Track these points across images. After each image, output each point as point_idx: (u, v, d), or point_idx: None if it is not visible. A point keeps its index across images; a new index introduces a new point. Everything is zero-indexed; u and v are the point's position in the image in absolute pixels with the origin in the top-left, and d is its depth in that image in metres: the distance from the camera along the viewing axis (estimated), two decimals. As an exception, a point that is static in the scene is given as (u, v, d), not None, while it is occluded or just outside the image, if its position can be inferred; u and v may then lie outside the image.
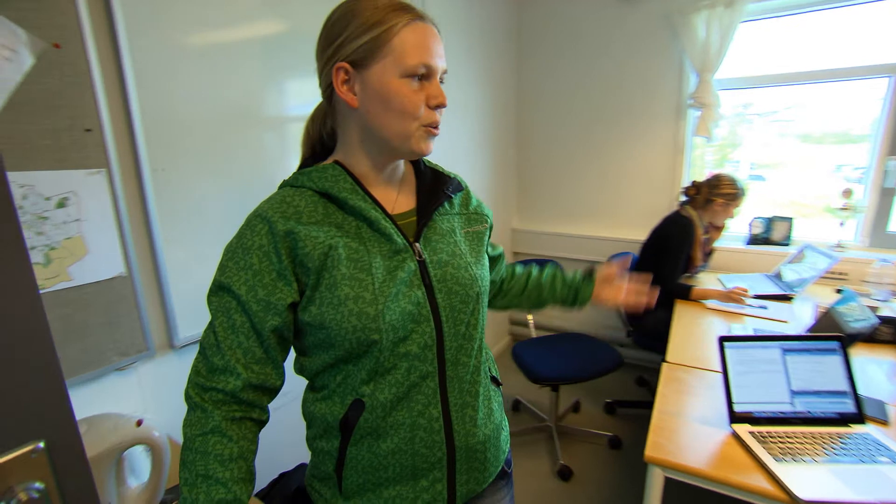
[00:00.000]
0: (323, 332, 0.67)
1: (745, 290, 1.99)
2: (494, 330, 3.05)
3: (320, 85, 0.72)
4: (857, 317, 1.60)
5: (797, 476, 0.97)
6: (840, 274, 2.32)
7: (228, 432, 0.65)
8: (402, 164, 0.78)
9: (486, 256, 0.81)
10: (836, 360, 1.19)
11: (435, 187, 0.78)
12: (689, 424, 1.18)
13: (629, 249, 2.46)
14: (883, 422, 1.17)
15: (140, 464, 0.92)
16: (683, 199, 2.26)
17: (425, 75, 0.66)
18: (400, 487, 0.72)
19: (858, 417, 1.14)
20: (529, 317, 2.40)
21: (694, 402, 1.27)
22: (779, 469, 0.99)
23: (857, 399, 1.15)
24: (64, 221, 0.99)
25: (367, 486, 0.72)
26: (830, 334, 1.22)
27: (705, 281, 2.33)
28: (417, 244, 0.72)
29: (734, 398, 1.16)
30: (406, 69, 0.64)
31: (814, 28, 2.38)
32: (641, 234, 2.33)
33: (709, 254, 2.39)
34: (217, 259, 0.69)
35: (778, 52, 2.46)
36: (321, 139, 0.78)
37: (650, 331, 2.15)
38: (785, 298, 2.08)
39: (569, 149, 2.93)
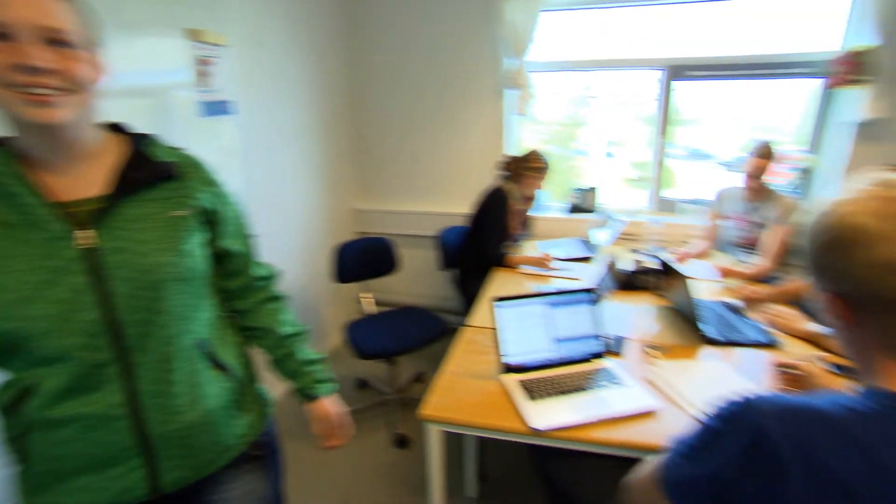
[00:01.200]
0: None
1: (549, 256, 2.24)
2: (342, 311, 3.05)
3: None
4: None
5: (540, 411, 1.13)
6: (632, 235, 2.73)
7: None
8: (88, 145, 0.71)
9: (190, 243, 0.77)
10: (588, 309, 1.40)
11: (134, 171, 0.73)
12: (470, 381, 1.30)
13: (457, 223, 2.61)
14: (619, 354, 1.41)
15: None
16: (500, 173, 2.45)
17: (1, 35, 0.59)
18: (88, 477, 0.71)
19: (601, 354, 1.37)
20: (363, 295, 2.44)
21: (481, 360, 1.41)
22: (528, 408, 1.14)
23: (602, 339, 1.38)
24: None
25: (51, 478, 0.71)
26: (584, 288, 1.43)
27: (527, 249, 2.58)
28: (88, 231, 0.68)
29: (505, 351, 1.31)
30: None
31: (609, 21, 2.70)
32: (469, 208, 2.48)
33: (526, 223, 2.64)
34: None
35: (583, 41, 2.76)
36: None
37: (475, 298, 2.32)
38: (587, 259, 2.39)
39: (403, 128, 2.99)
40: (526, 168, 2.34)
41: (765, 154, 2.10)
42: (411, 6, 2.76)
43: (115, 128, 0.79)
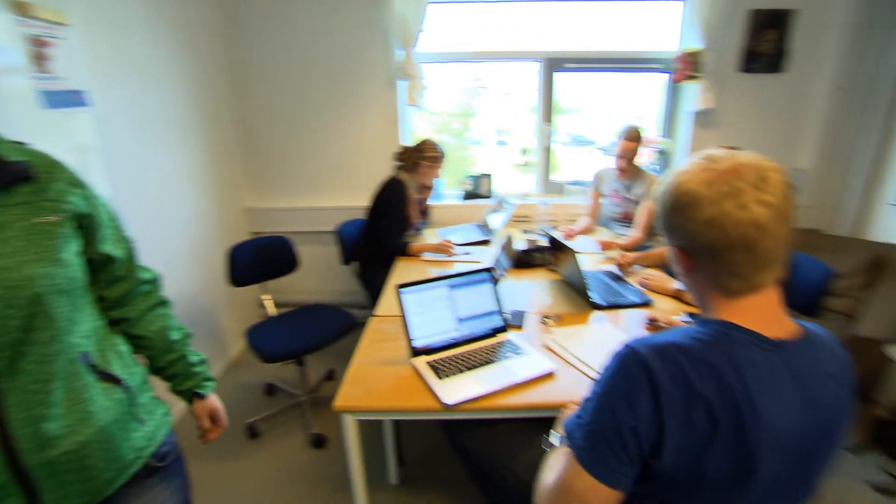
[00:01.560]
0: None
1: (449, 242, 2.31)
2: (242, 317, 2.86)
3: None
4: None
5: (450, 387, 1.18)
6: (524, 217, 2.91)
7: None
8: None
9: (65, 251, 0.69)
10: (487, 288, 1.48)
11: None
12: (381, 368, 1.31)
13: (360, 216, 2.57)
14: (519, 327, 1.51)
15: None
16: (396, 164, 2.46)
17: None
18: None
19: (503, 328, 1.46)
20: (264, 297, 2.32)
21: (391, 347, 1.42)
22: (438, 386, 1.18)
23: (501, 315, 1.46)
24: None
25: None
26: (482, 268, 1.50)
27: (427, 236, 2.63)
28: None
29: (413, 336, 1.33)
30: None
31: (494, 14, 2.82)
32: (367, 201, 2.45)
33: (425, 212, 2.69)
34: None
35: (471, 33, 2.84)
36: None
37: (379, 290, 2.32)
38: (486, 242, 2.50)
39: (294, 122, 2.86)
40: (421, 157, 2.37)
41: (632, 138, 2.35)
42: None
43: None
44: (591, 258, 2.19)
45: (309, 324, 2.16)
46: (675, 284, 1.71)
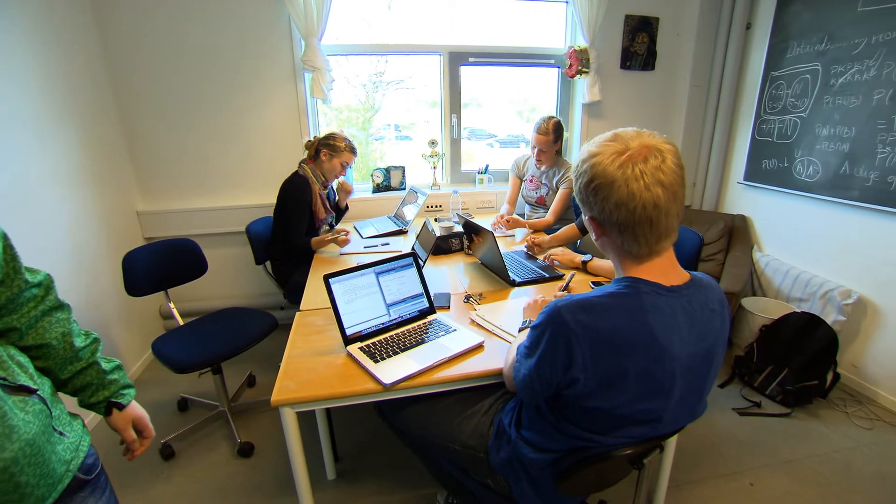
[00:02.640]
0: None
1: (347, 231, 2.30)
2: (146, 330, 2.61)
3: None
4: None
5: (387, 369, 1.22)
6: (437, 206, 3.00)
7: None
8: None
9: None
10: (412, 272, 1.53)
11: None
12: (316, 360, 1.30)
13: (267, 214, 2.48)
14: (446, 308, 1.59)
15: None
16: (304, 156, 2.40)
17: None
18: None
19: (430, 310, 1.52)
20: (171, 304, 2.14)
21: (322, 338, 1.41)
22: (375, 368, 1.22)
23: (428, 296, 1.53)
24: None
25: None
26: (405, 253, 1.55)
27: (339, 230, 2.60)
28: None
29: (344, 324, 1.35)
30: None
31: (398, 7, 2.84)
32: (276, 197, 2.37)
33: (340, 210, 2.66)
34: None
35: (375, 26, 2.84)
36: None
37: (300, 287, 2.26)
38: (401, 233, 2.55)
39: (188, 119, 2.64)
40: (321, 145, 2.33)
41: (542, 131, 2.47)
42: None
43: None
44: (502, 240, 2.34)
45: (224, 329, 2.04)
46: (581, 258, 1.91)
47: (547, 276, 1.82)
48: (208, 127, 2.68)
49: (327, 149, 2.32)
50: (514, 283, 1.78)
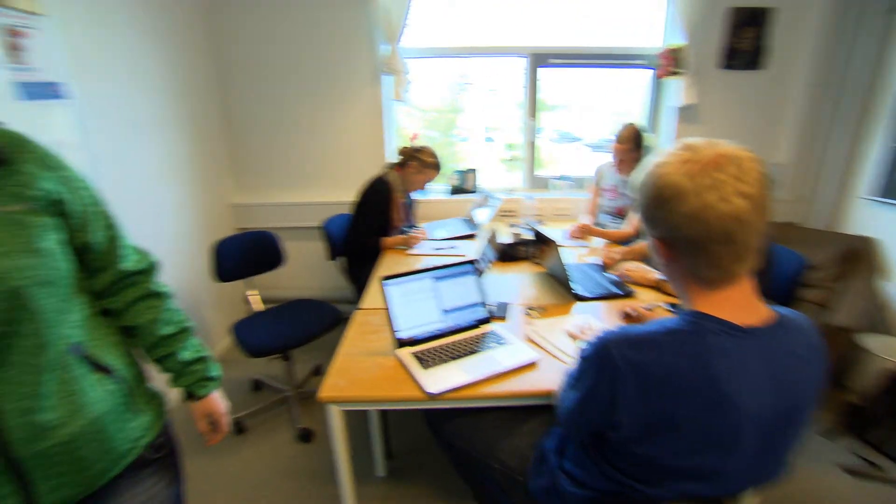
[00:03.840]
0: None
1: (422, 233, 2.33)
2: (230, 312, 2.85)
3: None
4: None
5: (434, 377, 1.19)
6: (510, 211, 2.93)
7: None
8: None
9: (43, 240, 0.67)
10: (471, 280, 1.50)
11: None
12: (367, 359, 1.32)
13: (345, 212, 2.57)
14: (503, 318, 1.54)
15: None
16: (393, 161, 2.46)
17: None
18: None
19: (487, 320, 1.48)
20: (250, 293, 2.31)
21: (376, 339, 1.43)
22: (422, 375, 1.20)
23: (485, 306, 1.48)
24: None
25: None
26: (466, 260, 1.52)
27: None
28: None
29: (397, 327, 1.35)
30: None
31: (478, 9, 2.83)
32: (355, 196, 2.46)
33: (410, 214, 2.70)
34: None
35: (455, 28, 2.85)
36: None
37: (365, 285, 2.33)
38: (472, 237, 2.52)
39: (279, 117, 2.84)
40: (412, 157, 2.38)
41: (622, 139, 2.31)
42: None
43: None
44: (574, 251, 2.22)
45: (295, 318, 2.16)
46: (656, 275, 1.75)
47: (617, 293, 1.69)
48: (295, 126, 2.86)
49: (418, 162, 2.38)
50: (578, 298, 1.67)
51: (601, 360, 0.68)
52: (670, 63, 2.64)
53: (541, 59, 2.86)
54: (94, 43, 1.87)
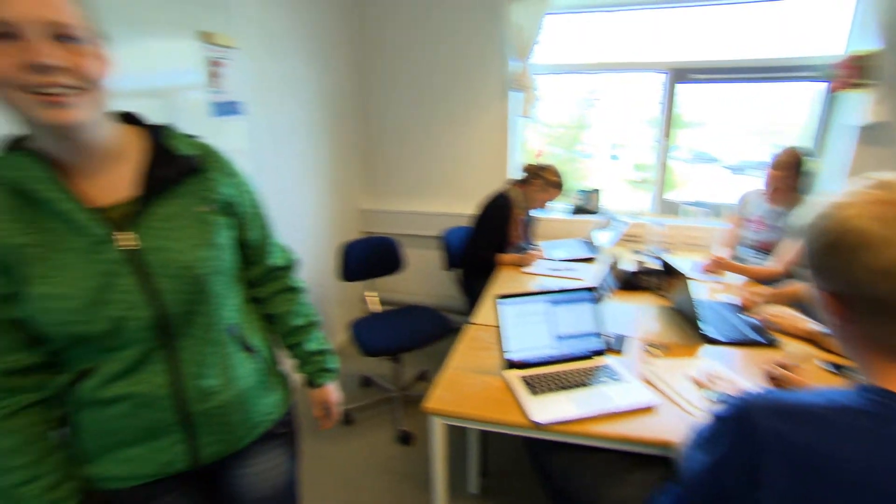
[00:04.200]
0: (31, 326, 0.69)
1: (539, 252, 2.28)
2: (349, 309, 3.08)
3: None
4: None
5: (542, 405, 1.16)
6: (635, 237, 2.75)
7: (6, 428, 0.70)
8: (109, 145, 0.71)
9: (220, 236, 0.80)
10: (588, 308, 1.43)
11: (161, 170, 0.74)
12: (474, 376, 1.33)
13: (465, 224, 2.63)
14: (619, 352, 1.44)
15: None
16: (515, 178, 2.48)
17: (9, 34, 0.56)
18: (137, 449, 0.78)
19: (602, 351, 1.39)
20: (369, 294, 2.48)
21: (484, 356, 1.43)
22: (529, 402, 1.17)
23: (602, 336, 1.40)
24: None
25: (102, 448, 0.77)
26: (585, 286, 1.46)
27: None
28: (128, 233, 0.71)
29: (507, 348, 1.33)
30: None
31: (612, 25, 2.73)
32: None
33: (529, 232, 2.66)
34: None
35: (587, 44, 2.79)
36: None
37: (478, 299, 2.35)
38: (590, 260, 2.41)
39: (410, 129, 3.03)
40: (536, 175, 2.37)
41: (779, 166, 2.04)
42: (417, 8, 2.79)
43: (129, 118, 0.79)
44: (706, 286, 2.00)
45: (408, 323, 2.26)
46: (811, 325, 1.50)
47: (757, 340, 1.48)
48: (425, 138, 3.02)
49: (542, 180, 2.37)
50: (707, 340, 1.50)
51: (741, 426, 0.58)
52: (853, 73, 2.24)
53: (682, 75, 2.64)
54: (265, 66, 2.18)
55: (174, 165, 0.75)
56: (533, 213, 2.58)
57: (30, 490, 0.70)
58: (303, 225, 2.61)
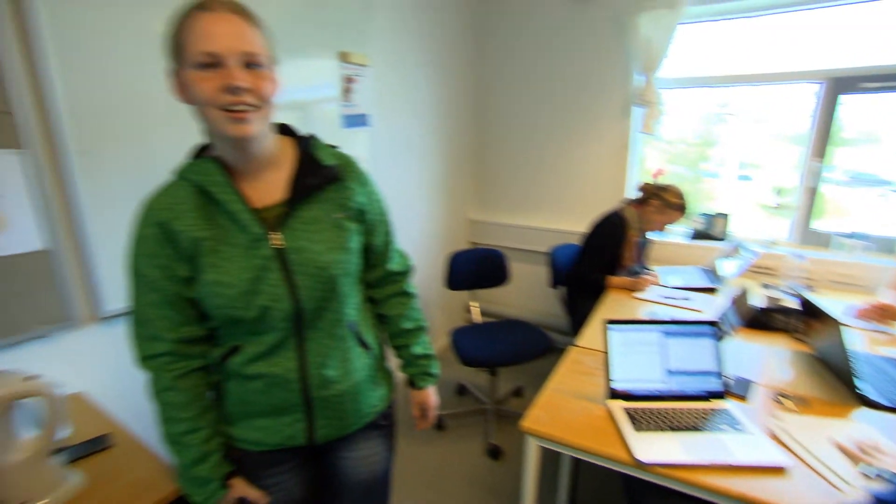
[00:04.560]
0: (201, 305, 0.83)
1: (655, 278, 2.12)
2: (451, 317, 3.15)
3: None
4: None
5: (647, 443, 1.08)
6: (767, 269, 2.44)
7: (178, 386, 0.83)
8: (272, 151, 0.82)
9: (352, 241, 0.88)
10: (708, 343, 1.30)
11: (307, 178, 0.84)
12: (575, 401, 1.28)
13: (574, 241, 2.56)
14: (743, 398, 1.28)
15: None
16: (632, 197, 2.35)
17: (214, 63, 0.69)
18: (267, 420, 0.89)
19: (721, 394, 1.26)
20: (472, 304, 2.51)
21: (587, 381, 1.38)
22: (633, 437, 1.10)
23: (723, 378, 1.26)
24: (-20, 198, 1.07)
25: (242, 415, 0.90)
26: (705, 320, 1.33)
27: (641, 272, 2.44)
28: (277, 233, 0.81)
29: (613, 376, 1.26)
30: (191, 61, 0.69)
31: (753, 32, 2.47)
32: (587, 227, 2.42)
33: (642, 254, 2.50)
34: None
35: (720, 54, 2.56)
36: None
37: (583, 320, 2.25)
38: (711, 290, 2.19)
39: (524, 142, 3.02)
40: (657, 196, 2.22)
41: None
42: (540, 24, 2.80)
43: (284, 129, 0.90)
44: (864, 336, 1.70)
45: (510, 338, 2.25)
46: None
47: (934, 409, 1.22)
48: (539, 152, 2.99)
49: (660, 201, 2.22)
50: (865, 401, 1.27)
51: None
52: None
53: (845, 85, 2.29)
54: (389, 81, 2.34)
55: (319, 174, 0.84)
56: (649, 235, 2.42)
57: (191, 439, 0.83)
58: (413, 232, 2.75)
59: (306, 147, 0.87)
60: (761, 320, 1.74)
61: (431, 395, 1.14)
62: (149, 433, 1.14)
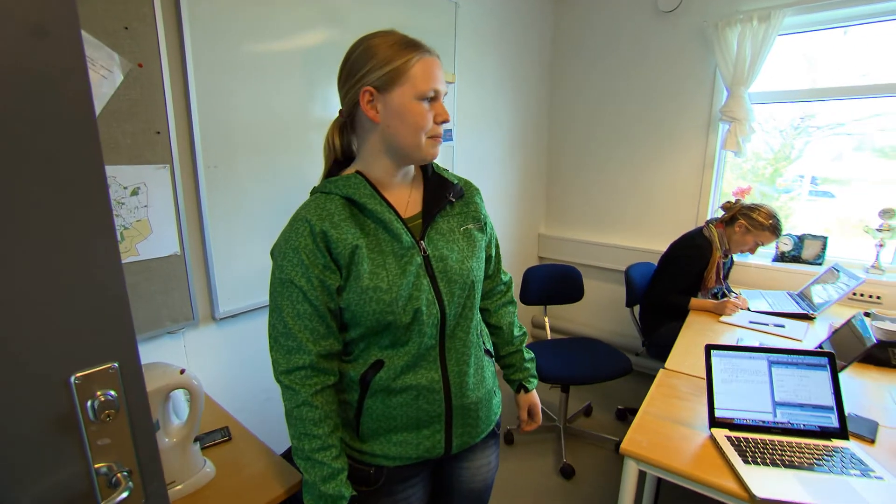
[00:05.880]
0: (350, 313, 0.84)
1: (742, 302, 2.02)
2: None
3: (343, 105, 0.89)
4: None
5: (761, 477, 1.03)
6: (872, 297, 2.26)
7: (314, 402, 0.83)
8: (412, 171, 0.94)
9: (482, 250, 0.96)
10: (823, 376, 1.23)
11: (439, 192, 0.93)
12: (672, 426, 1.25)
13: (649, 260, 2.49)
14: (869, 440, 1.19)
15: (182, 408, 1.12)
16: (716, 215, 2.27)
17: (433, 98, 0.83)
18: (406, 434, 0.89)
19: (840, 433, 1.18)
20: (546, 319, 2.49)
21: (681, 406, 1.34)
22: (745, 470, 1.05)
23: (842, 415, 1.19)
24: (136, 207, 1.20)
25: (380, 431, 0.89)
26: (820, 350, 1.26)
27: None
28: (423, 242, 0.87)
29: (716, 404, 1.22)
30: (420, 93, 0.81)
31: (854, 42, 2.33)
32: (663, 246, 2.36)
33: (725, 276, 2.39)
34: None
35: (814, 66, 2.42)
36: (342, 150, 0.93)
37: (662, 342, 2.18)
38: (805, 317, 2.07)
39: (598, 158, 2.99)
40: (743, 215, 2.13)
41: None
42: (624, 38, 2.76)
43: None
44: None
45: (584, 356, 2.22)
46: None
47: None
48: (614, 168, 2.94)
49: (746, 220, 2.13)
50: None
51: None
52: None
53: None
54: (470, 99, 2.40)
55: (450, 190, 0.93)
56: (735, 256, 2.32)
57: (323, 456, 0.82)
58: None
59: (432, 166, 0.96)
60: (877, 356, 1.62)
61: (537, 396, 1.18)
62: (257, 430, 1.22)
